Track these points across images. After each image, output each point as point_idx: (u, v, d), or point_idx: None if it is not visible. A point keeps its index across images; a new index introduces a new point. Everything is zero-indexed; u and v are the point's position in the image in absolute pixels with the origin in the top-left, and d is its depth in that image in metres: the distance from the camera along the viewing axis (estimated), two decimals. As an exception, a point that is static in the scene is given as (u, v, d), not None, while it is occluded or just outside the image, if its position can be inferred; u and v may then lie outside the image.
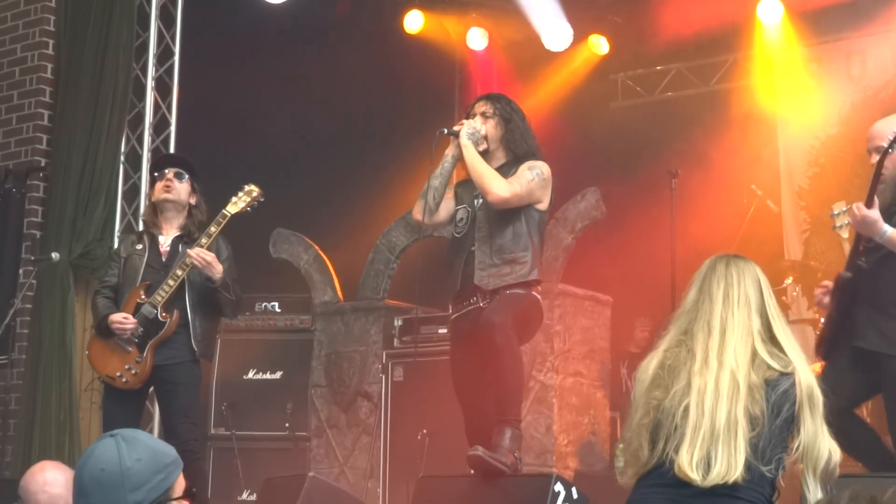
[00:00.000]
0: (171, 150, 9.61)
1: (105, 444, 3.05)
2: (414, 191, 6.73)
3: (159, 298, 6.83)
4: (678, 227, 8.09)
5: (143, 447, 3.05)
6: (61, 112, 9.35)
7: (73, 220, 9.08)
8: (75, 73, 9.33)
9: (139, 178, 9.56)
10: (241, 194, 7.01)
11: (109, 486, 2.97)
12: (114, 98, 9.30)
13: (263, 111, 10.82)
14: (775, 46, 11.66)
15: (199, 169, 7.25)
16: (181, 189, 7.08)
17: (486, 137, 6.40)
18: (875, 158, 5.80)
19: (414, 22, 11.99)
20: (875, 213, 5.57)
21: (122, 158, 9.49)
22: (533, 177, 6.23)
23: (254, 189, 7.04)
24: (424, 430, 8.67)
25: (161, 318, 6.84)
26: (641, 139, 11.64)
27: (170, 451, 3.15)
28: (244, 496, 9.26)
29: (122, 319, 6.84)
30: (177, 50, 9.80)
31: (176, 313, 6.86)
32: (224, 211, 6.93)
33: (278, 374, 9.88)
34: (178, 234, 7.09)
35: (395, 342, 9.45)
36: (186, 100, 9.84)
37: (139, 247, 7.08)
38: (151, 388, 7.16)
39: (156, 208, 7.15)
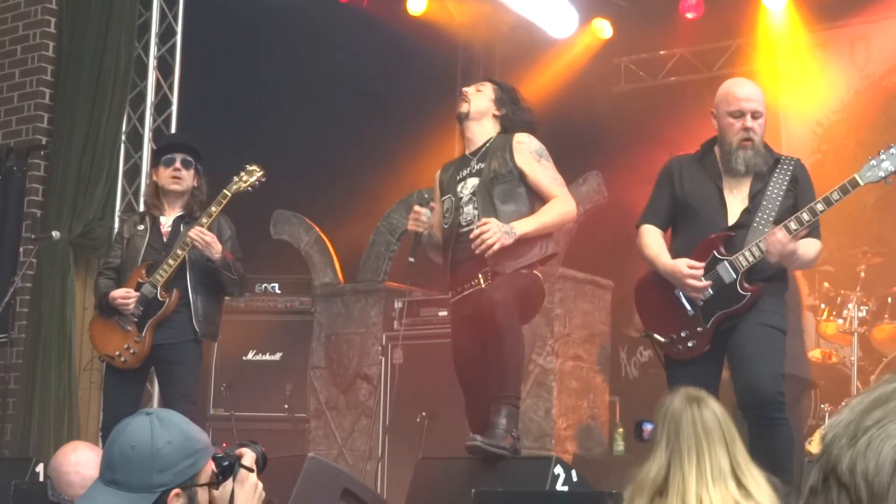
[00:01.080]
0: (173, 130, 9.55)
1: (139, 421, 3.05)
2: (415, 173, 6.73)
3: (159, 278, 6.83)
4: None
5: (177, 430, 3.05)
6: (63, 90, 9.33)
7: (74, 199, 9.07)
8: (77, 52, 9.30)
9: (140, 158, 9.52)
10: (242, 174, 6.99)
11: (137, 464, 2.97)
12: (115, 77, 9.28)
13: (265, 92, 10.81)
14: (779, 32, 11.63)
15: (203, 152, 7.24)
16: (189, 176, 7.08)
17: (468, 101, 6.42)
18: (743, 122, 5.69)
19: (417, 4, 11.96)
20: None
21: (123, 138, 9.45)
22: (550, 162, 6.27)
23: (255, 169, 7.01)
24: (424, 413, 8.68)
25: (161, 298, 6.84)
26: (644, 124, 11.62)
27: (202, 437, 3.15)
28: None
29: (125, 294, 6.85)
30: (179, 29, 9.75)
31: (175, 293, 6.86)
32: (224, 191, 6.92)
33: (278, 356, 9.88)
34: (179, 213, 7.08)
35: (395, 324, 9.44)
36: (188, 79, 9.81)
37: (140, 227, 7.08)
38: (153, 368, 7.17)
39: (158, 189, 7.14)
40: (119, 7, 9.30)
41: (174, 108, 9.68)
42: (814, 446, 8.28)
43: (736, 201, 5.69)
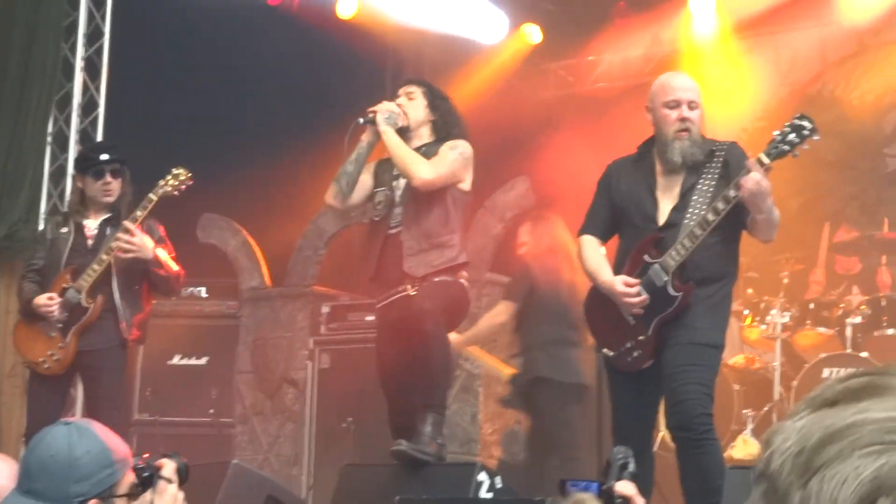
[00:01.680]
0: (100, 132, 9.47)
1: (58, 431, 3.04)
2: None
3: (84, 283, 6.76)
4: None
5: (95, 440, 3.04)
6: (-13, 91, 9.23)
7: (-2, 202, 8.98)
8: (3, 52, 9.20)
9: (66, 160, 9.42)
10: (169, 178, 6.94)
11: (55, 474, 2.97)
12: (41, 78, 9.19)
13: (194, 94, 10.75)
14: (706, 39, 11.72)
15: (128, 157, 7.19)
16: (118, 186, 7.01)
17: (406, 114, 6.39)
18: (679, 112, 5.60)
19: (347, 8, 11.93)
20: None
21: (48, 139, 9.36)
22: (456, 156, 6.23)
23: (182, 172, 6.96)
24: (350, 418, 8.67)
25: (85, 304, 6.77)
26: (573, 129, 11.67)
27: (121, 447, 3.14)
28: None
29: (47, 301, 6.77)
30: (107, 31, 9.66)
31: (100, 298, 6.80)
32: (150, 195, 6.87)
33: (204, 360, 9.83)
34: (106, 216, 7.02)
35: (322, 329, 9.43)
36: (116, 81, 9.73)
37: (64, 230, 7.01)
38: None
39: (84, 195, 7.06)
40: (46, 7, 9.22)
41: (101, 109, 9.59)
42: (736, 451, 8.37)
43: (667, 201, 5.58)
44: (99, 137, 9.42)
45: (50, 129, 9.38)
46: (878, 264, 9.42)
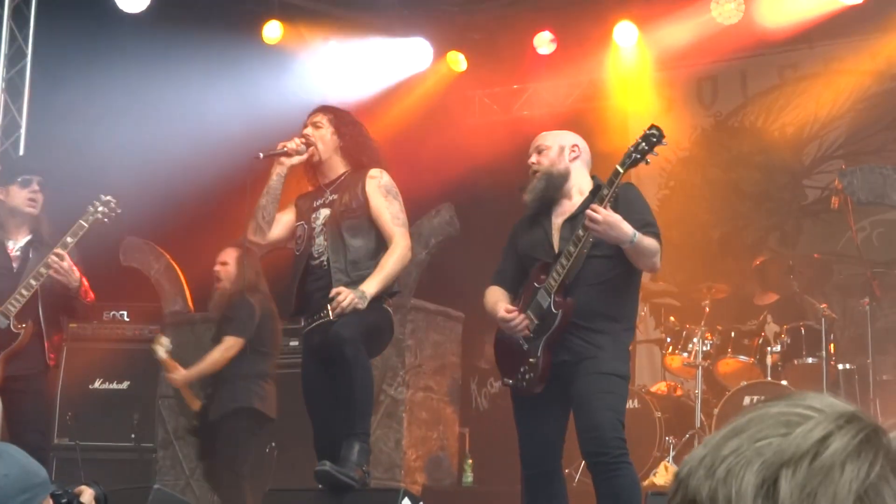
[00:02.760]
0: (21, 153, 9.39)
1: None
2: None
3: (11, 308, 6.67)
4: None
5: (14, 463, 3.00)
6: None
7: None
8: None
9: (-15, 181, 9.32)
10: (98, 204, 6.86)
11: None
12: (-38, 98, 9.10)
13: (117, 118, 10.66)
14: (629, 69, 11.85)
15: (48, 169, 7.15)
16: (41, 200, 6.95)
17: (312, 146, 6.40)
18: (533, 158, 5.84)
19: (272, 31, 11.91)
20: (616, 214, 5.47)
21: (-31, 160, 9.26)
22: (397, 200, 6.30)
23: (110, 200, 6.90)
24: (273, 443, 8.62)
25: (14, 329, 6.69)
26: (498, 156, 11.72)
27: (40, 471, 3.10)
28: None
29: None
30: (29, 52, 9.59)
31: (30, 324, 6.71)
32: (81, 221, 6.79)
33: (125, 384, 9.74)
34: (28, 237, 6.93)
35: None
36: (37, 103, 9.64)
37: None
38: None
39: (5, 211, 6.97)
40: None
41: (23, 130, 9.51)
42: (658, 478, 8.43)
43: (557, 233, 5.75)
44: (20, 159, 9.33)
45: (-30, 150, 9.28)
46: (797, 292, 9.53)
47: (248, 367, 7.93)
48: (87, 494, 3.24)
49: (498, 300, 5.86)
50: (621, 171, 5.47)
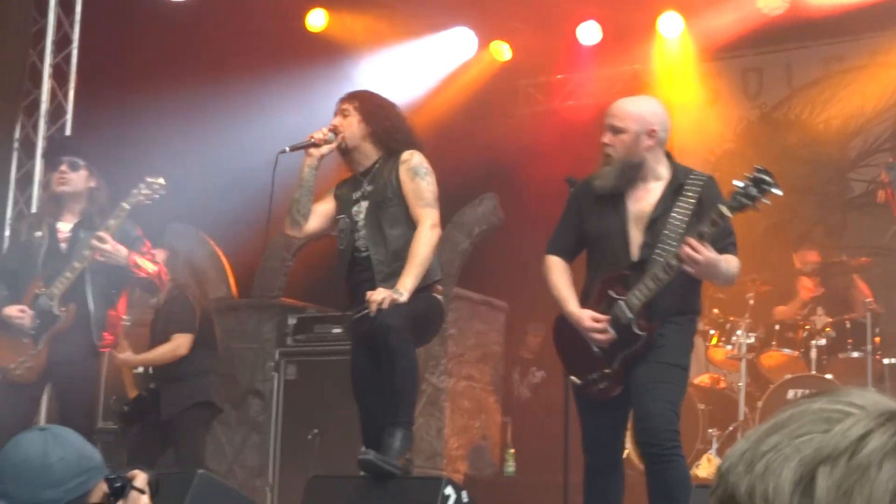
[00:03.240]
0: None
1: (33, 436, 3.03)
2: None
3: (55, 291, 6.71)
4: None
5: (70, 447, 3.03)
6: (-45, 96, 9.19)
7: (-36, 207, 8.93)
8: (-30, 58, 9.17)
9: (32, 166, 9.37)
10: (142, 186, 6.88)
11: (28, 478, 2.96)
12: (9, 84, 9.14)
13: (162, 101, 10.68)
14: (674, 60, 11.79)
15: (95, 153, 7.15)
16: (76, 178, 6.95)
17: (342, 135, 6.32)
18: (607, 138, 5.58)
19: (317, 20, 11.92)
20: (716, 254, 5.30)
21: (15, 145, 9.31)
22: (425, 179, 6.19)
23: (155, 181, 6.91)
24: (316, 430, 8.64)
25: (57, 312, 6.72)
26: (541, 146, 11.71)
27: (96, 455, 3.14)
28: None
29: (18, 313, 6.72)
30: (76, 37, 9.62)
31: (72, 307, 6.74)
32: (123, 203, 6.82)
33: (168, 369, 9.77)
34: (78, 219, 6.97)
35: (289, 340, 9.40)
36: (84, 87, 9.68)
37: (38, 234, 6.94)
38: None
39: (54, 195, 7.03)
40: (13, 14, 9.17)
41: (69, 116, 9.54)
42: (701, 470, 8.40)
43: (638, 232, 5.53)
44: (66, 145, 9.39)
45: (17, 135, 9.32)
46: (848, 286, 9.48)
47: (198, 363, 8.04)
48: (141, 479, 3.26)
49: (568, 293, 5.65)
50: (728, 215, 5.27)
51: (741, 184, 5.22)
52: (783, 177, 11.14)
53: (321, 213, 6.40)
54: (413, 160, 6.21)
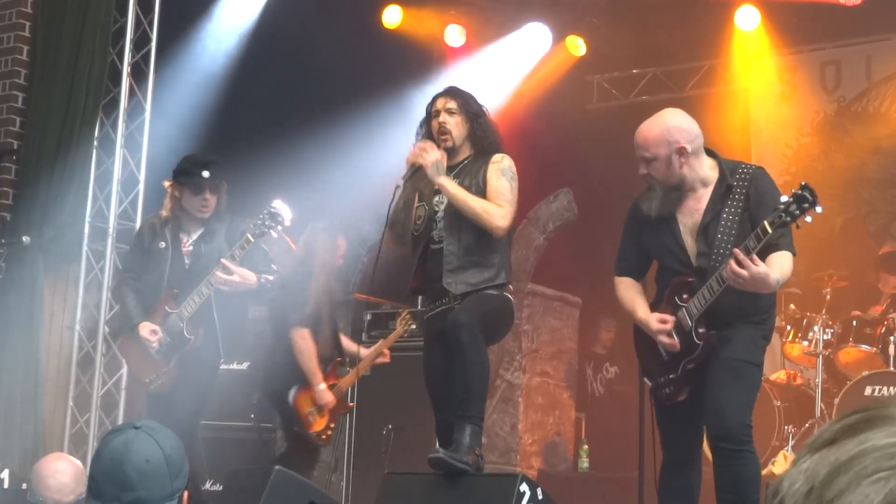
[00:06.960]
0: (145, 137, 9.50)
1: (139, 437, 3.08)
2: (388, 184, 6.67)
3: (185, 313, 6.86)
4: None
5: (170, 436, 3.14)
6: (36, 94, 9.31)
7: (45, 204, 9.04)
8: (51, 56, 9.29)
9: (112, 164, 9.47)
10: (265, 216, 6.85)
11: (156, 476, 3.03)
12: (89, 82, 9.25)
13: (241, 100, 10.77)
14: (751, 54, 11.71)
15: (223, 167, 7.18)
16: (215, 203, 7.03)
17: (447, 136, 6.36)
18: (643, 169, 5.55)
19: (392, 16, 11.98)
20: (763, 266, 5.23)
21: (95, 143, 9.42)
22: (512, 184, 6.23)
23: (277, 211, 6.86)
24: (390, 426, 8.68)
25: (187, 335, 6.86)
26: (616, 142, 11.65)
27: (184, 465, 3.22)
28: (207, 486, 9.24)
29: (150, 335, 6.91)
30: (154, 36, 9.71)
31: (201, 331, 6.90)
32: (248, 235, 6.80)
33: (245, 365, 9.84)
34: (201, 231, 7.06)
35: (364, 336, 9.44)
36: (162, 85, 9.78)
37: (161, 245, 7.01)
38: None
39: (180, 204, 7.05)
40: (94, 13, 9.28)
41: (147, 114, 9.63)
42: (777, 467, 8.34)
43: (692, 240, 5.54)
44: (144, 142, 9.48)
45: (96, 133, 9.43)
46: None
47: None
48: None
49: (635, 298, 5.75)
50: (770, 231, 5.23)
51: (785, 199, 5.19)
52: (861, 170, 11.17)
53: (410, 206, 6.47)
54: (503, 163, 6.28)
